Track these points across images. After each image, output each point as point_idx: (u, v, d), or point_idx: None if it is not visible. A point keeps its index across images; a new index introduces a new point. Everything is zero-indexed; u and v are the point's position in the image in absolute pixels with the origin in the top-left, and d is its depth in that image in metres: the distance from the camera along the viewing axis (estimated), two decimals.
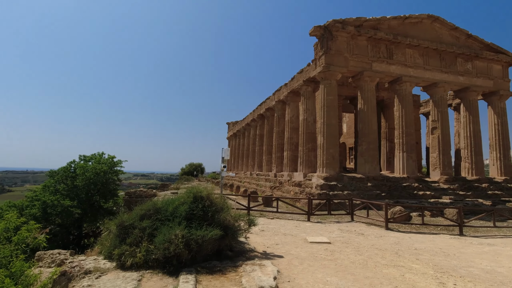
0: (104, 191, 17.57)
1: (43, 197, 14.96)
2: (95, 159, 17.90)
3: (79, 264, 5.42)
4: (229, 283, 4.77)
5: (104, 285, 4.41)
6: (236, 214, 6.56)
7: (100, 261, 5.59)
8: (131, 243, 5.47)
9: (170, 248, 4.99)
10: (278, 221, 11.99)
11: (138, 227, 5.63)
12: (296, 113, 24.33)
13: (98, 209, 17.59)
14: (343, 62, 18.60)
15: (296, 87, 22.96)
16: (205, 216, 5.82)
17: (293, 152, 23.84)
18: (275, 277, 4.92)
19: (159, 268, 5.17)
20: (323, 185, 17.07)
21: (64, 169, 17.26)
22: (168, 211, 5.87)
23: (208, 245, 5.48)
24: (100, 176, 16.73)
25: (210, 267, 5.41)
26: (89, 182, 16.59)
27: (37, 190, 16.97)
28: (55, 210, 14.59)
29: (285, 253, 6.96)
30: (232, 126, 52.57)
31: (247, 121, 39.30)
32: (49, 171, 17.47)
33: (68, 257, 5.91)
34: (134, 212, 6.10)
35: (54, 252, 5.90)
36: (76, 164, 17.70)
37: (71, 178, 16.88)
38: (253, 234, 8.51)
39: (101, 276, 4.87)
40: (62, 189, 16.32)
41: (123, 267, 5.23)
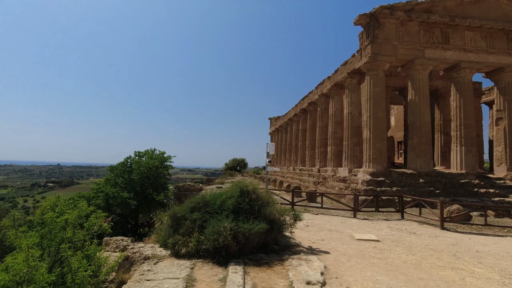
0: (156, 185, 18.91)
1: (106, 189, 16.63)
2: (148, 154, 19.33)
3: (139, 250, 5.96)
4: (276, 276, 4.87)
5: (161, 270, 4.79)
6: (282, 209, 6.64)
7: (156, 249, 6.08)
8: (183, 233, 5.85)
9: (219, 239, 5.24)
10: (323, 217, 11.83)
11: (189, 219, 5.99)
12: (340, 107, 23.55)
13: (151, 201, 18.98)
14: (391, 50, 17.49)
15: (340, 79, 22.19)
16: (252, 210, 5.99)
17: (337, 147, 23.18)
18: (322, 272, 4.91)
19: (209, 258, 5.46)
20: (369, 180, 16.37)
21: (122, 164, 18.96)
22: (216, 204, 6.14)
23: (254, 238, 5.64)
24: (152, 170, 18.03)
25: (257, 260, 5.57)
26: (143, 176, 17.99)
27: (100, 183, 18.90)
28: (116, 201, 16.13)
29: (331, 249, 6.87)
30: (274, 121, 52.63)
31: (289, 116, 39.03)
32: (110, 166, 19.32)
33: (129, 243, 6.53)
34: (185, 204, 6.49)
35: (118, 239, 6.55)
36: (132, 159, 19.29)
37: (128, 172, 18.47)
38: (298, 229, 8.52)
39: (158, 263, 5.29)
40: (120, 182, 17.96)
41: (177, 255, 5.63)
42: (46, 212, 5.23)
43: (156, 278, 4.38)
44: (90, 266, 4.55)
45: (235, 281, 4.25)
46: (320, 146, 26.52)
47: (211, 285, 4.35)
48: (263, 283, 4.55)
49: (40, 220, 5.56)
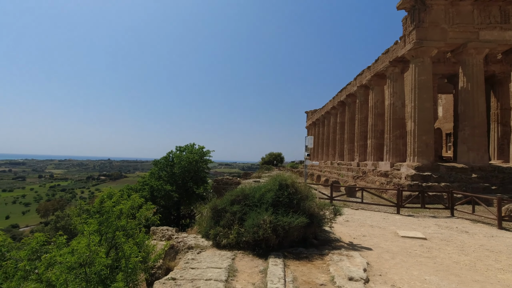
0: (196, 178, 19.68)
1: (150, 182, 17.72)
2: (188, 149, 20.15)
3: (183, 240, 6.28)
4: (316, 270, 4.84)
5: (204, 260, 5.01)
6: (321, 203, 6.55)
7: (199, 239, 6.36)
8: (224, 225, 6.04)
9: (259, 232, 5.33)
10: (363, 212, 11.45)
11: (229, 211, 6.16)
12: (381, 98, 22.40)
13: (192, 194, 19.81)
14: (440, 34, 16.14)
15: (380, 69, 21.06)
16: (291, 204, 5.99)
17: (377, 140, 22.15)
18: (365, 269, 4.77)
19: (249, 250, 5.59)
20: (414, 175, 15.44)
21: (164, 159, 20.02)
22: (255, 197, 6.23)
23: (294, 232, 5.65)
24: (192, 164, 18.77)
25: (296, 253, 5.57)
26: (184, 170, 18.81)
27: (145, 176, 20.18)
28: (160, 194, 17.12)
29: (373, 245, 6.64)
30: (311, 114, 51.67)
31: (326, 109, 38.05)
32: (154, 160, 20.52)
33: (174, 233, 6.90)
34: (225, 197, 6.67)
35: (164, 228, 6.96)
36: (173, 154, 20.26)
37: (170, 166, 19.44)
38: (338, 224, 8.36)
39: (201, 252, 5.54)
40: (164, 175, 18.99)
41: (218, 246, 5.84)
42: (103, 202, 5.72)
43: (200, 267, 4.59)
44: (140, 253, 4.91)
45: (276, 274, 4.30)
46: (359, 140, 25.55)
47: (252, 276, 4.46)
48: (304, 276, 4.55)
49: (98, 209, 6.08)
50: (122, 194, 6.98)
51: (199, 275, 4.17)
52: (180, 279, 3.96)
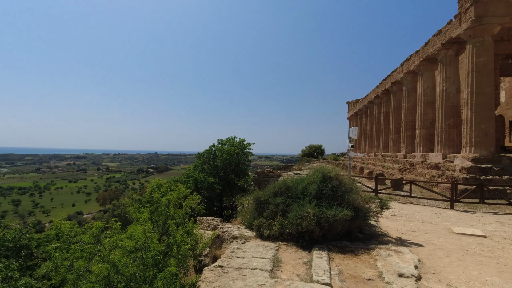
0: (237, 171, 20.16)
1: (194, 175, 18.56)
2: (229, 142, 20.66)
3: (227, 230, 6.51)
4: (362, 264, 4.72)
5: (249, 250, 5.15)
6: (366, 196, 6.32)
7: (243, 230, 6.54)
8: (267, 217, 6.12)
9: (302, 224, 5.33)
10: (412, 207, 10.82)
11: (272, 203, 6.23)
12: (431, 84, 20.71)
13: (234, 186, 20.35)
14: (503, 9, 14.36)
15: (431, 53, 19.42)
16: (334, 196, 5.87)
17: (427, 130, 20.60)
18: (416, 265, 4.53)
19: (293, 242, 5.61)
20: (470, 167, 14.14)
21: (207, 152, 20.78)
22: (298, 189, 6.22)
23: (338, 225, 5.54)
24: (234, 157, 19.23)
25: (341, 247, 5.48)
26: (226, 163, 19.36)
27: (189, 169, 21.19)
28: (203, 185, 17.87)
29: (424, 242, 6.27)
30: (353, 105, 49.64)
31: (369, 99, 36.24)
32: (197, 154, 21.41)
33: (219, 223, 7.18)
34: (268, 189, 6.75)
35: (209, 219, 7.27)
36: (215, 147, 20.93)
37: (213, 159, 20.14)
38: (384, 218, 8.02)
39: (246, 242, 5.69)
40: (207, 168, 19.76)
41: (262, 237, 5.95)
42: (153, 192, 6.15)
43: (245, 256, 4.73)
44: (190, 241, 5.21)
45: (321, 266, 4.28)
46: (406, 130, 23.99)
47: (296, 268, 4.49)
48: (349, 270, 4.47)
49: (148, 199, 6.55)
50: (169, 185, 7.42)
51: (244, 264, 4.30)
52: (227, 267, 4.12)
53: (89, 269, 4.87)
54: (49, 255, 9.48)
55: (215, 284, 3.51)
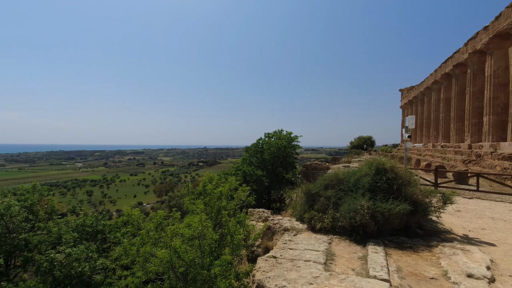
0: (285, 164, 20.17)
1: (243, 168, 19.02)
2: (276, 135, 20.72)
3: (278, 222, 6.60)
4: (423, 262, 4.44)
5: (301, 242, 5.16)
6: (426, 190, 5.89)
7: (293, 222, 6.56)
8: (318, 209, 6.06)
9: (356, 217, 5.17)
10: (480, 202, 9.77)
11: (323, 196, 6.14)
12: (503, 64, 18.24)
13: (281, 179, 20.43)
14: None
15: (504, 27, 17.05)
16: (390, 189, 5.58)
17: (497, 117, 18.27)
18: (489, 266, 4.12)
19: (346, 235, 5.48)
20: None
21: (255, 145, 21.12)
22: (350, 182, 6.03)
23: (395, 219, 5.27)
24: (281, 150, 19.25)
25: (398, 242, 5.20)
26: (273, 156, 19.48)
27: (238, 162, 21.80)
28: (252, 178, 18.25)
29: (497, 241, 5.64)
30: (407, 92, 46.07)
31: (426, 85, 33.26)
32: (245, 147, 21.89)
33: (269, 215, 7.31)
34: (318, 182, 6.66)
35: (260, 210, 7.43)
36: (262, 140, 21.16)
37: (260, 152, 20.40)
38: (447, 214, 7.39)
39: (297, 235, 5.72)
40: (254, 161, 20.11)
41: (313, 229, 5.92)
42: (206, 185, 6.48)
43: (298, 248, 4.76)
44: (243, 231, 5.40)
45: (377, 261, 4.12)
46: (471, 117, 21.56)
47: (351, 262, 4.39)
48: (409, 267, 4.24)
49: (201, 191, 6.92)
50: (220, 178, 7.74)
51: (297, 255, 4.34)
52: (280, 258, 4.20)
53: (154, 254, 5.35)
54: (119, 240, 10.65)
55: (270, 274, 3.61)
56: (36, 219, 9.58)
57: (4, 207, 8.48)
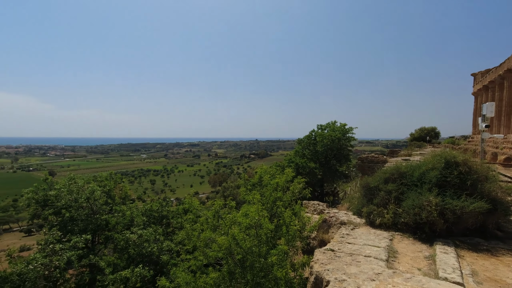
0: (339, 156, 19.52)
1: (296, 160, 18.93)
2: (329, 127, 20.10)
3: (334, 215, 6.46)
4: (505, 268, 3.95)
5: (359, 236, 4.99)
6: (509, 187, 5.19)
7: (350, 216, 6.36)
8: (378, 204, 5.77)
9: (421, 214, 4.80)
10: None
11: (383, 190, 5.81)
12: None
13: (335, 171, 19.84)
14: None
15: None
16: (463, 185, 5.04)
17: None
18: None
19: (409, 232, 5.13)
20: None
21: (307, 137, 20.81)
22: (414, 176, 5.61)
23: (468, 218, 4.76)
24: (335, 142, 18.64)
25: (472, 244, 4.70)
26: (327, 148, 18.97)
27: (290, 154, 21.76)
28: (304, 171, 18.08)
29: None
30: (481, 77, 40.56)
31: (507, 67, 28.84)
32: (298, 139, 21.72)
33: (325, 208, 7.19)
34: (377, 175, 6.33)
35: (315, 203, 7.36)
36: (315, 132, 20.73)
37: (313, 144, 20.04)
38: None
39: (355, 229, 5.53)
40: (307, 153, 19.84)
41: (372, 225, 5.67)
42: (263, 176, 6.62)
43: (356, 243, 4.62)
44: (298, 222, 5.42)
45: (448, 262, 3.79)
46: None
47: (416, 261, 4.11)
48: (487, 272, 3.81)
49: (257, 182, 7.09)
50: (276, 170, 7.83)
51: (356, 250, 4.21)
52: (339, 251, 4.13)
53: (213, 240, 5.69)
54: (181, 225, 11.55)
55: (329, 267, 3.57)
56: (113, 203, 10.93)
57: (89, 191, 9.84)
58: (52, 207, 9.86)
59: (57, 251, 7.39)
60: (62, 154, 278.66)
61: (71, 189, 9.93)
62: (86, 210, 9.62)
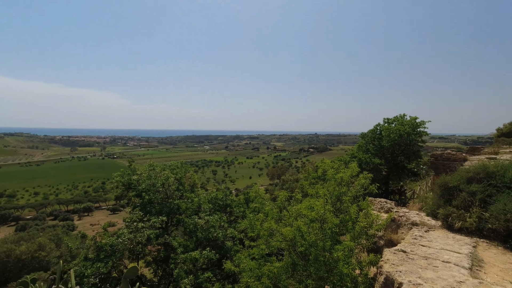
0: (407, 152, 17.88)
1: (358, 155, 17.95)
2: (397, 121, 18.49)
3: (404, 215, 6.04)
4: None
5: (435, 240, 4.59)
6: None
7: (423, 217, 5.87)
8: (458, 206, 5.21)
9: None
10: None
11: (465, 190, 5.22)
12: None
13: (402, 169, 18.26)
14: None
15: None
16: None
17: None
18: None
19: (498, 240, 4.54)
20: None
21: (372, 131, 19.50)
22: (506, 177, 4.90)
23: None
24: (403, 137, 17.12)
25: None
26: (394, 143, 17.53)
27: (352, 149, 20.73)
28: (368, 167, 17.08)
29: None
30: None
31: None
32: (361, 133, 20.54)
33: (393, 206, 6.76)
34: (457, 174, 5.70)
35: (382, 200, 6.96)
36: (381, 126, 19.29)
37: (378, 139, 18.70)
38: None
39: (429, 231, 5.10)
40: (371, 148, 18.63)
41: (450, 228, 5.15)
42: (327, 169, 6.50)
43: (432, 246, 4.27)
44: (365, 219, 5.21)
45: None
46: None
47: (508, 273, 3.63)
48: None
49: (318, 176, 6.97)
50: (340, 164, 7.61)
51: (432, 254, 3.90)
52: (411, 253, 3.87)
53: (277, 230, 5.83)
54: (243, 215, 12.07)
55: (401, 268, 3.39)
56: (184, 189, 11.96)
57: (165, 177, 10.97)
58: (134, 190, 11.32)
59: (139, 229, 8.50)
60: (139, 144, 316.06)
61: (150, 174, 11.24)
62: (161, 194, 10.79)
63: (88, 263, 7.85)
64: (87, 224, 69.66)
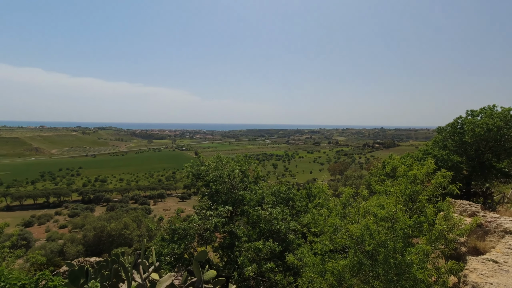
0: (497, 149, 15.42)
1: (434, 152, 16.12)
2: (485, 113, 16.02)
3: (494, 221, 5.31)
4: None
5: None
6: None
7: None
8: None
9: None
10: None
11: None
12: None
13: (489, 168, 15.84)
14: None
15: None
16: None
17: None
18: None
19: None
20: None
21: (451, 125, 17.29)
22: None
23: None
24: (492, 132, 14.79)
25: None
26: (479, 139, 15.29)
27: (427, 144, 18.72)
28: (445, 165, 15.25)
29: None
30: None
31: None
32: (438, 128, 18.38)
33: (479, 210, 5.98)
34: None
35: (465, 203, 6.22)
36: (463, 119, 16.97)
37: (459, 134, 16.53)
38: None
39: None
40: (450, 144, 16.56)
41: None
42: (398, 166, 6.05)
43: None
44: (445, 222, 4.72)
45: None
46: None
47: None
48: None
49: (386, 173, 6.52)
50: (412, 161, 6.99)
51: None
52: (505, 264, 3.40)
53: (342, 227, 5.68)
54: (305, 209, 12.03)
55: (493, 280, 3.01)
56: (248, 181, 12.46)
57: (231, 169, 11.59)
58: (203, 179, 12.23)
59: (208, 216, 9.19)
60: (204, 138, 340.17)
61: (217, 166, 11.99)
62: (227, 185, 11.44)
63: (165, 243, 8.81)
64: (160, 209, 77.98)
